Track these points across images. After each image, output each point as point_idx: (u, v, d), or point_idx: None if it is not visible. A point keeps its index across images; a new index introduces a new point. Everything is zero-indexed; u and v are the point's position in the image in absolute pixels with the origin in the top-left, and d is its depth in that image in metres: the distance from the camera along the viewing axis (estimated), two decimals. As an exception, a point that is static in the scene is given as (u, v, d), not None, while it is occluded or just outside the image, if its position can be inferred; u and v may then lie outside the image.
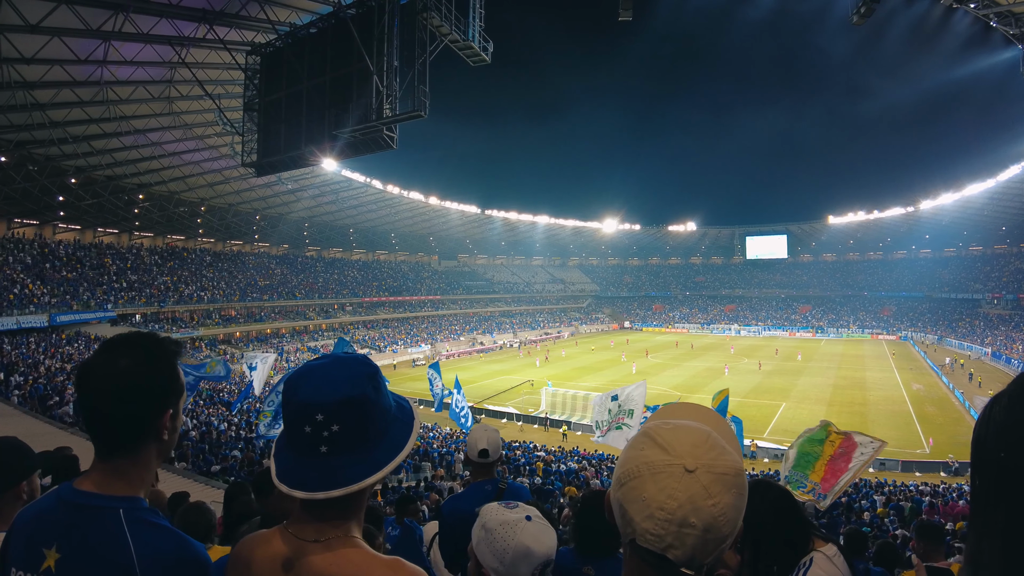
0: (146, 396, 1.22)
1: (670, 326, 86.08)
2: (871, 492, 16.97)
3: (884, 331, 71.36)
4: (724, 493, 0.85)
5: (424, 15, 16.84)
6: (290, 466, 1.14)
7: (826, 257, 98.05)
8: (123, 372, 1.20)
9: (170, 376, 1.26)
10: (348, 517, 1.16)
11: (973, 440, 0.77)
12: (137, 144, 32.95)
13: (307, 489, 1.10)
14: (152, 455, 1.26)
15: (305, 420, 1.11)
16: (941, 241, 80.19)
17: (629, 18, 22.83)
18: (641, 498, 0.86)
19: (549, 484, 15.87)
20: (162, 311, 43.45)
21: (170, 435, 1.28)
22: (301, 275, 61.77)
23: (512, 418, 32.30)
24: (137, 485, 1.23)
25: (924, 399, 35.48)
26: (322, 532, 1.13)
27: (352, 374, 1.17)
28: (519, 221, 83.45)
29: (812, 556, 1.82)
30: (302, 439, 1.13)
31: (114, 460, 1.22)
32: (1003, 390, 0.76)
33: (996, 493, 0.72)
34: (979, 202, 61.53)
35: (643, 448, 0.91)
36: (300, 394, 1.13)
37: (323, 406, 1.11)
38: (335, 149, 18.60)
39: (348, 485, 1.11)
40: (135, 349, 1.23)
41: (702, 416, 1.13)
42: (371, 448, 1.16)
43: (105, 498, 1.18)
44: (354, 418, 1.13)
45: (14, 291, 33.82)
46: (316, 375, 1.16)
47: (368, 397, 1.16)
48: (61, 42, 19.73)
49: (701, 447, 0.89)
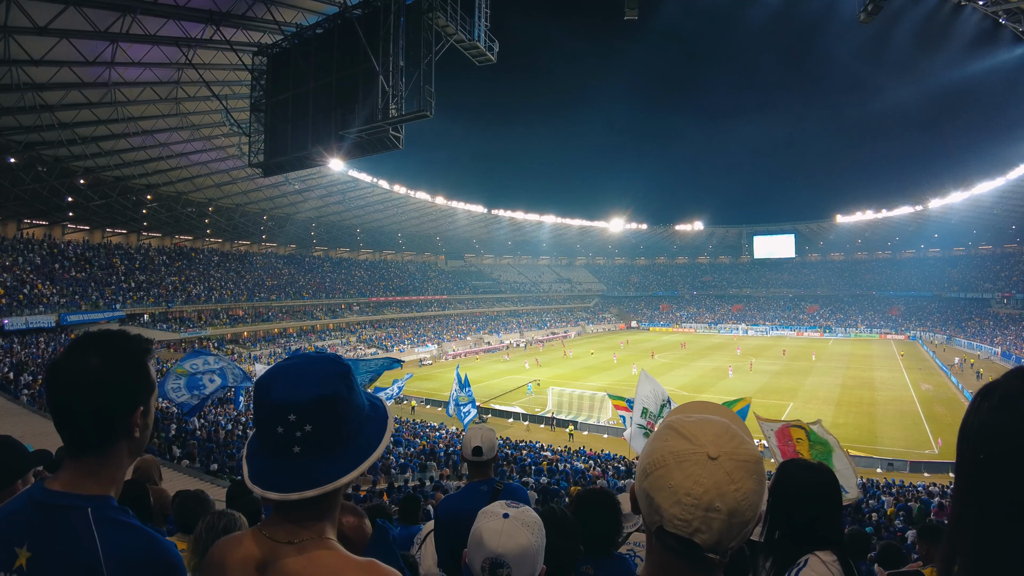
0: (115, 394, 1.21)
1: (677, 326, 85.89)
2: (879, 493, 16.89)
3: (893, 331, 70.99)
4: (747, 479, 0.90)
5: (430, 15, 16.86)
6: (263, 468, 1.13)
7: (834, 256, 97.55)
8: (92, 371, 1.19)
9: (139, 374, 1.25)
10: (322, 518, 1.15)
11: (959, 433, 0.77)
12: (145, 145, 33.12)
13: (281, 491, 1.09)
14: (123, 453, 1.25)
15: (277, 421, 1.10)
16: (950, 240, 79.57)
17: (635, 17, 22.81)
18: (668, 485, 0.90)
19: (555, 484, 15.86)
20: (170, 311, 43.65)
21: (142, 432, 1.27)
22: (308, 275, 61.96)
23: (518, 418, 32.29)
24: (107, 483, 1.22)
25: (933, 399, 35.25)
26: (295, 534, 1.11)
27: (324, 373, 1.15)
28: (525, 221, 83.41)
29: (808, 558, 1.80)
30: (275, 440, 1.11)
31: (84, 458, 1.21)
32: (996, 382, 0.75)
33: (972, 493, 0.72)
34: (988, 201, 61.02)
35: (667, 439, 0.95)
36: (272, 394, 1.11)
37: (296, 406, 1.09)
38: (341, 149, 18.66)
39: (322, 485, 1.10)
40: (104, 347, 1.22)
41: (719, 411, 1.17)
42: (345, 448, 1.14)
43: (74, 497, 1.17)
44: (327, 418, 1.12)
45: (24, 291, 34.09)
46: (288, 375, 1.14)
47: (341, 396, 1.14)
48: (69, 44, 19.84)
49: (723, 436, 0.93)
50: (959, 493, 0.74)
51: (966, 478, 0.74)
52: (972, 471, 0.72)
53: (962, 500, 0.73)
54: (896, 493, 16.96)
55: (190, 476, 12.76)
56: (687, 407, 1.23)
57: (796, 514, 1.88)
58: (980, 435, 0.72)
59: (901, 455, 23.39)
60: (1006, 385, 0.72)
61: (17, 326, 31.01)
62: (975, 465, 0.71)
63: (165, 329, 40.91)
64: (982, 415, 0.72)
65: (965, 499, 0.73)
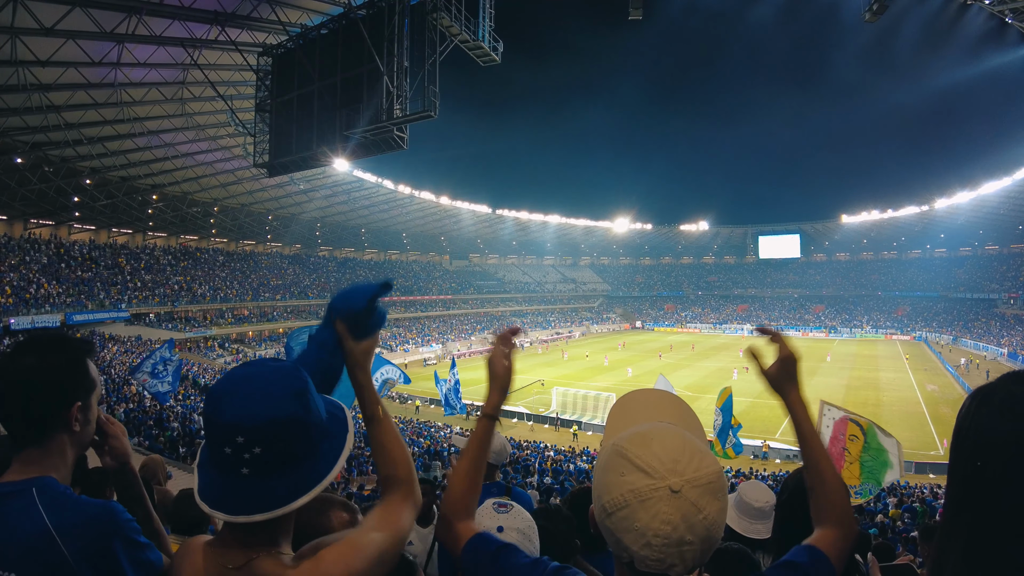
0: (48, 392, 1.26)
1: (682, 326, 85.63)
2: (884, 494, 16.81)
3: (898, 331, 70.62)
4: (712, 502, 0.87)
5: (434, 15, 16.86)
6: (211, 483, 1.07)
7: (839, 256, 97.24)
8: (26, 370, 1.25)
9: (75, 372, 1.30)
10: (275, 537, 1.10)
11: (953, 437, 0.76)
12: (151, 145, 33.28)
13: (228, 512, 1.05)
14: (64, 444, 1.30)
15: (224, 441, 1.03)
16: (956, 240, 79.17)
17: (639, 17, 22.77)
18: (634, 528, 0.86)
19: (558, 484, 15.85)
20: (175, 310, 43.81)
21: (82, 427, 1.33)
22: (313, 275, 62.10)
23: (523, 418, 32.30)
24: (48, 468, 1.27)
25: (939, 400, 35.05)
26: (248, 555, 1.06)
27: (276, 391, 1.06)
28: (530, 221, 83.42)
29: None
30: (223, 459, 1.04)
31: (26, 450, 1.28)
32: (991, 385, 0.74)
33: (965, 497, 0.71)
34: (995, 200, 60.76)
35: (624, 473, 0.90)
36: (219, 414, 1.03)
37: (243, 429, 1.01)
38: (346, 149, 18.68)
39: (271, 510, 1.04)
40: (41, 348, 1.28)
41: (661, 407, 1.16)
42: (298, 467, 1.07)
43: (18, 483, 1.23)
44: (279, 440, 1.04)
45: (30, 291, 34.27)
46: (238, 392, 1.05)
47: (295, 417, 1.06)
48: (76, 45, 19.95)
49: (681, 459, 0.89)
50: (952, 497, 0.74)
51: (960, 483, 0.72)
52: (967, 476, 0.71)
53: (955, 505, 0.73)
54: (901, 495, 16.89)
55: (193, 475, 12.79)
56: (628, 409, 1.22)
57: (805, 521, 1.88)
58: (978, 442, 0.70)
59: (906, 456, 23.10)
60: (1005, 391, 0.71)
61: (23, 325, 31.15)
62: (971, 471, 0.70)
63: (170, 328, 41.04)
64: (980, 420, 0.71)
65: (958, 504, 0.72)
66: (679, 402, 1.24)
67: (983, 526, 0.68)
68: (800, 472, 2.04)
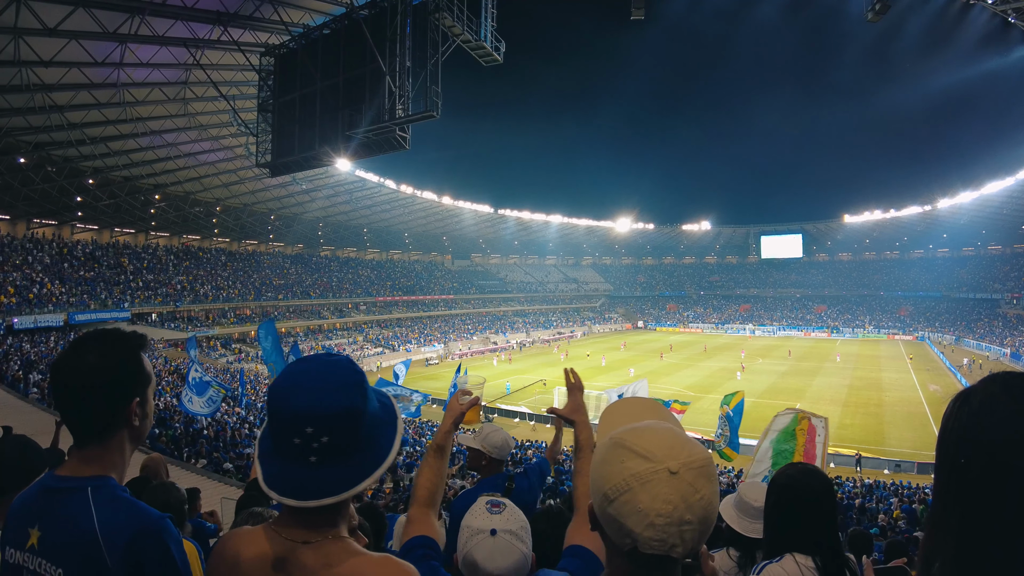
0: (111, 388, 1.30)
1: (684, 326, 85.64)
2: (887, 495, 16.80)
3: (901, 331, 70.52)
4: (706, 484, 0.92)
5: (436, 16, 16.88)
6: (278, 472, 1.13)
7: (842, 256, 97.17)
8: (89, 367, 1.29)
9: (134, 367, 1.34)
10: (336, 519, 1.16)
11: (939, 436, 0.77)
12: (153, 145, 33.31)
13: (297, 498, 1.10)
14: (124, 440, 1.35)
15: (294, 432, 1.09)
16: (959, 240, 79.04)
17: (641, 16, 22.77)
18: (637, 510, 0.90)
19: (559, 484, 15.87)
20: (178, 310, 43.91)
21: (141, 421, 1.37)
22: (315, 275, 62.17)
23: (525, 418, 32.30)
24: (108, 467, 1.32)
25: (941, 400, 34.88)
26: (310, 535, 1.13)
27: (340, 383, 1.14)
28: (532, 220, 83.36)
29: (784, 556, 1.80)
30: (291, 448, 1.11)
31: (86, 447, 1.31)
32: (974, 387, 0.76)
33: (953, 496, 0.72)
34: (998, 200, 60.61)
35: (624, 460, 0.94)
36: (289, 405, 1.11)
37: (313, 419, 1.09)
38: (348, 149, 18.69)
39: (338, 493, 1.12)
40: (100, 344, 1.32)
41: (649, 410, 1.23)
42: (360, 455, 1.15)
43: (76, 480, 1.28)
44: (344, 429, 1.12)
45: (33, 291, 34.35)
46: (302, 387, 1.12)
47: (356, 406, 1.14)
48: (78, 45, 19.98)
49: (675, 445, 0.95)
50: (940, 495, 0.75)
51: (946, 481, 0.74)
52: (952, 474, 0.73)
53: (943, 502, 0.74)
54: (902, 495, 16.87)
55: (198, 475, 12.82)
56: (618, 413, 1.27)
57: (790, 517, 1.89)
58: (960, 440, 0.72)
59: (909, 456, 23.24)
60: (985, 392, 0.73)
61: (26, 325, 31.25)
62: (955, 469, 0.72)
63: (173, 328, 41.11)
64: (962, 420, 0.73)
65: (946, 501, 0.73)
66: (660, 407, 1.32)
67: (967, 525, 0.70)
68: (786, 470, 2.06)
